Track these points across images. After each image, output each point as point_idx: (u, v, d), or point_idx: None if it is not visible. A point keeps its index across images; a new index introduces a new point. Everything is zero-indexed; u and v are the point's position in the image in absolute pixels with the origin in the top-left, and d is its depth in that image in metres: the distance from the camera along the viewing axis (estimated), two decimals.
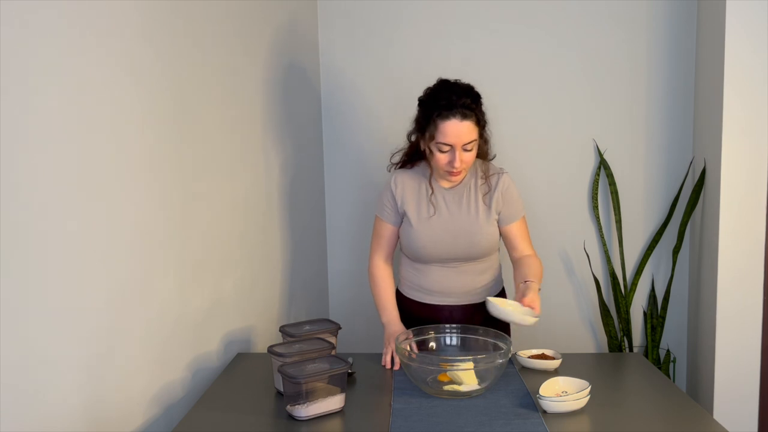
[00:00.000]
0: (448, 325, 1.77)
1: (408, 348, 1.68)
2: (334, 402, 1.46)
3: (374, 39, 2.70)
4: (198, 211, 1.73)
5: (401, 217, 1.88)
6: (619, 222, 2.64)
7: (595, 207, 2.69)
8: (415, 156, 1.89)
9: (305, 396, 1.42)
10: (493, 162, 1.91)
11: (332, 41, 2.71)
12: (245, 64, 2.06)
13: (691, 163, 2.63)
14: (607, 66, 2.65)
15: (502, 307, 1.60)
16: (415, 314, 1.93)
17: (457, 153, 1.71)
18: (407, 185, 1.87)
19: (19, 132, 1.08)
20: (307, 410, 1.42)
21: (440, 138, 1.71)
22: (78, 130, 1.23)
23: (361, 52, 2.71)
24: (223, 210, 1.89)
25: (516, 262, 1.88)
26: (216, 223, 1.84)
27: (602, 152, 2.68)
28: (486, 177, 1.86)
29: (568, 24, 2.63)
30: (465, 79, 1.79)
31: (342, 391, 1.47)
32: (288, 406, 1.45)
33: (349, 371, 1.66)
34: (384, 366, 1.75)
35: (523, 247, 1.88)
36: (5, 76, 1.04)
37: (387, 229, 1.91)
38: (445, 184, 1.86)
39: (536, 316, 1.61)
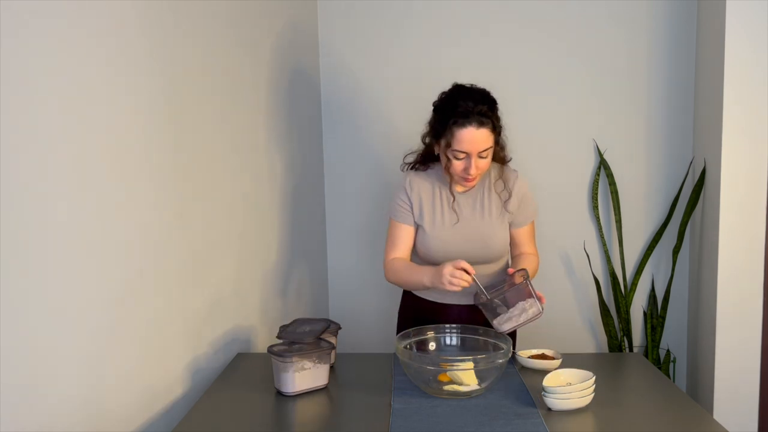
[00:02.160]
0: (448, 325, 1.76)
1: (408, 348, 1.68)
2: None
3: (375, 39, 2.70)
4: (198, 211, 1.73)
5: (416, 219, 1.88)
6: (619, 222, 2.64)
7: (595, 207, 2.69)
8: (428, 158, 1.88)
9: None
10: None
11: (333, 41, 2.71)
12: (245, 64, 2.06)
13: (691, 163, 2.63)
14: (607, 66, 2.65)
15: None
16: (425, 313, 1.92)
17: (473, 160, 1.70)
18: (422, 187, 1.86)
19: (19, 132, 1.08)
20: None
21: (456, 145, 1.69)
22: (78, 130, 1.23)
23: (362, 52, 2.71)
24: (223, 210, 1.89)
25: (515, 258, 1.92)
26: (216, 223, 1.84)
27: (602, 152, 2.68)
28: (500, 177, 1.86)
29: (569, 24, 2.63)
30: (466, 80, 1.78)
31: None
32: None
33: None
34: (465, 277, 1.66)
35: (527, 248, 1.91)
36: (4, 76, 1.04)
37: (403, 231, 1.88)
38: (459, 189, 1.85)
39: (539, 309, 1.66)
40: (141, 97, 1.45)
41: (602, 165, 2.66)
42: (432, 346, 1.74)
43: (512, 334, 1.99)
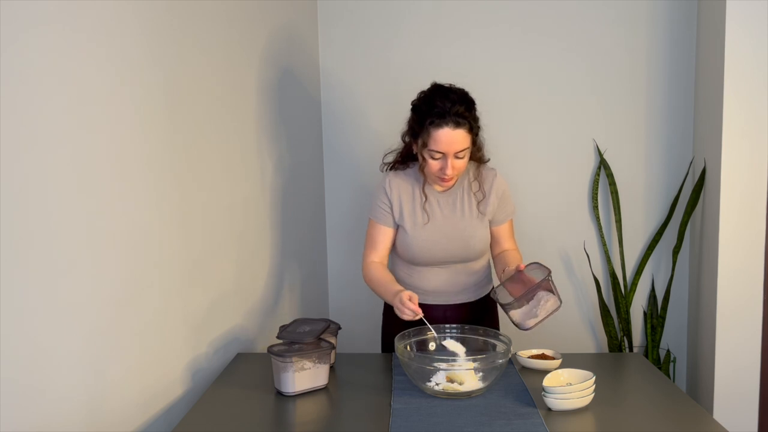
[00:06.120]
0: (447, 325, 1.76)
1: (408, 348, 1.68)
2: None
3: (375, 40, 2.69)
4: (198, 212, 1.74)
5: (396, 220, 1.88)
6: (619, 222, 2.64)
7: (595, 207, 2.69)
8: (408, 157, 1.88)
9: None
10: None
11: (332, 42, 2.71)
12: (245, 65, 2.06)
13: (691, 163, 2.63)
14: (607, 66, 2.65)
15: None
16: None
17: (449, 160, 1.70)
18: (402, 188, 1.86)
19: (20, 134, 1.08)
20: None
21: (432, 145, 1.70)
22: (78, 131, 1.23)
23: (362, 52, 2.71)
24: (222, 210, 1.89)
25: (497, 257, 1.93)
26: (215, 223, 1.84)
27: (602, 152, 2.68)
28: (477, 178, 1.86)
29: (568, 24, 2.63)
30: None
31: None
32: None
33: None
34: (411, 316, 1.63)
35: (508, 245, 1.92)
36: (5, 76, 1.04)
37: (383, 232, 1.88)
38: (438, 188, 1.85)
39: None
40: (143, 98, 1.45)
41: (602, 165, 2.66)
42: (432, 346, 1.74)
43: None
